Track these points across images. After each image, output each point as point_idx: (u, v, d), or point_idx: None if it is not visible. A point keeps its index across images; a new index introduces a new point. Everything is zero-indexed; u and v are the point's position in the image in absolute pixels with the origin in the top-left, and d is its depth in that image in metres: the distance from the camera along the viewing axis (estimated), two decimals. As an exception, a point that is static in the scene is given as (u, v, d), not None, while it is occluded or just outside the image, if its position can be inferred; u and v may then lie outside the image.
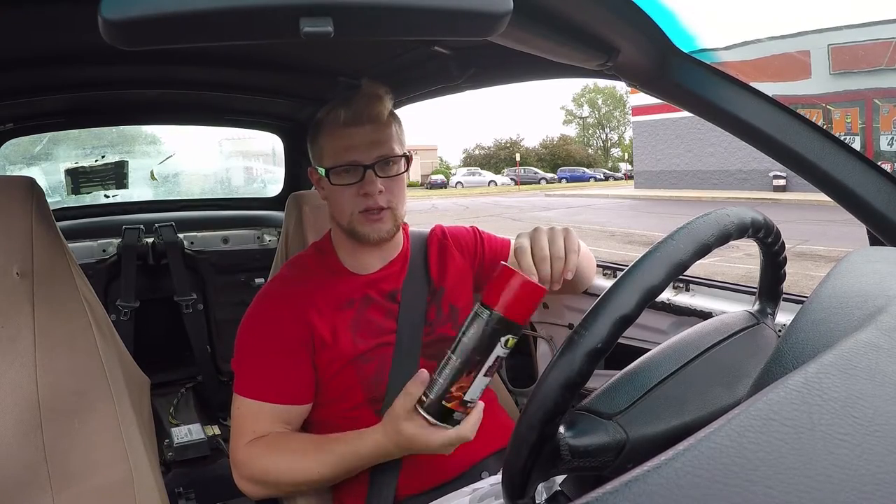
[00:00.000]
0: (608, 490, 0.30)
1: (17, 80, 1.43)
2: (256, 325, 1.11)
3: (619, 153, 56.35)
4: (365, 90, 1.12)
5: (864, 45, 14.00)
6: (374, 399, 1.09)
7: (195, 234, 2.19)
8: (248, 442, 1.04)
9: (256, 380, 1.07)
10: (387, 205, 1.10)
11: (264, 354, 1.08)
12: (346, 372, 1.09)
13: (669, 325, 1.34)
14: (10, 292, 0.96)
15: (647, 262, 0.59)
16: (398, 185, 1.11)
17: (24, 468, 0.93)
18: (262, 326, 1.10)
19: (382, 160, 1.09)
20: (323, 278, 1.14)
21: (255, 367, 1.08)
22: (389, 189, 1.10)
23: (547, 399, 0.57)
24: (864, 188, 0.90)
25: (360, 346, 1.10)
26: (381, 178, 1.08)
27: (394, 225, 1.12)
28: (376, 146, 1.08)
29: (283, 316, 1.09)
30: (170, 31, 0.52)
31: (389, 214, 1.11)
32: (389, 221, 1.11)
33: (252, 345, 1.09)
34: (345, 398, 1.10)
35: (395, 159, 1.10)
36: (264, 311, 1.11)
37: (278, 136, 2.32)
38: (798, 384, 0.37)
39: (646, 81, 0.98)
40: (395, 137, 1.12)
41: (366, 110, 1.08)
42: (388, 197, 1.10)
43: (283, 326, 1.08)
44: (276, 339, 1.08)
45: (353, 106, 1.09)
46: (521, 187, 35.28)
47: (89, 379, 1.01)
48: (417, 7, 0.55)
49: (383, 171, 1.09)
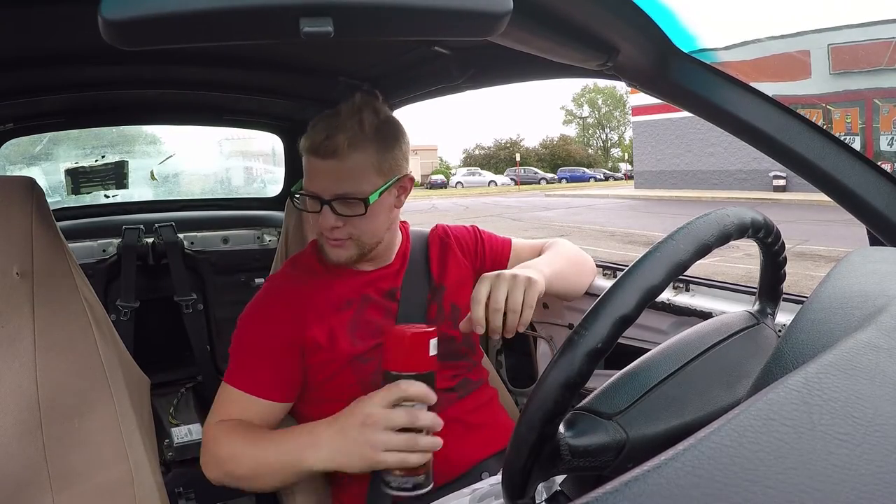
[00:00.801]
0: (608, 490, 0.30)
1: (17, 80, 1.43)
2: (254, 320, 1.11)
3: (619, 153, 56.35)
4: (326, 119, 1.05)
5: (864, 45, 14.00)
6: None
7: (195, 234, 2.19)
8: (215, 422, 1.05)
9: (246, 373, 1.07)
10: (348, 237, 1.07)
11: (257, 350, 1.08)
12: (345, 373, 1.09)
13: (669, 325, 1.34)
14: (10, 292, 0.96)
15: (647, 262, 0.59)
16: (361, 221, 1.06)
17: (23, 468, 0.93)
18: (259, 323, 1.11)
19: (340, 199, 1.04)
20: (322, 277, 1.14)
21: (246, 361, 1.09)
22: (351, 223, 1.06)
23: (547, 399, 0.57)
24: (864, 188, 0.90)
25: (358, 347, 1.10)
26: (340, 216, 1.05)
27: (358, 252, 1.09)
28: (335, 182, 1.03)
29: (280, 315, 1.09)
30: (170, 31, 0.52)
31: (352, 244, 1.08)
32: (352, 249, 1.09)
33: (247, 339, 1.10)
34: (344, 399, 1.09)
35: (355, 200, 1.03)
36: (263, 308, 1.12)
37: (278, 136, 2.32)
38: (798, 384, 0.37)
39: (646, 81, 0.98)
40: (362, 170, 1.03)
41: (323, 143, 1.02)
42: (349, 230, 1.06)
43: (279, 326, 1.09)
44: (271, 337, 1.08)
45: (313, 134, 1.03)
46: (521, 187, 35.28)
47: (89, 379, 1.01)
48: (417, 7, 0.55)
49: (342, 208, 1.04)
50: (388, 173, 1.07)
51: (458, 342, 1.19)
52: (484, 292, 0.98)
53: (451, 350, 1.17)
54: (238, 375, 1.08)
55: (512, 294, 0.99)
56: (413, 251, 1.22)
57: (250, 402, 1.06)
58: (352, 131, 1.03)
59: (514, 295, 0.99)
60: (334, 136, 1.02)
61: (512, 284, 0.99)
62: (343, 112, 1.05)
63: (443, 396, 1.12)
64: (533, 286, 1.01)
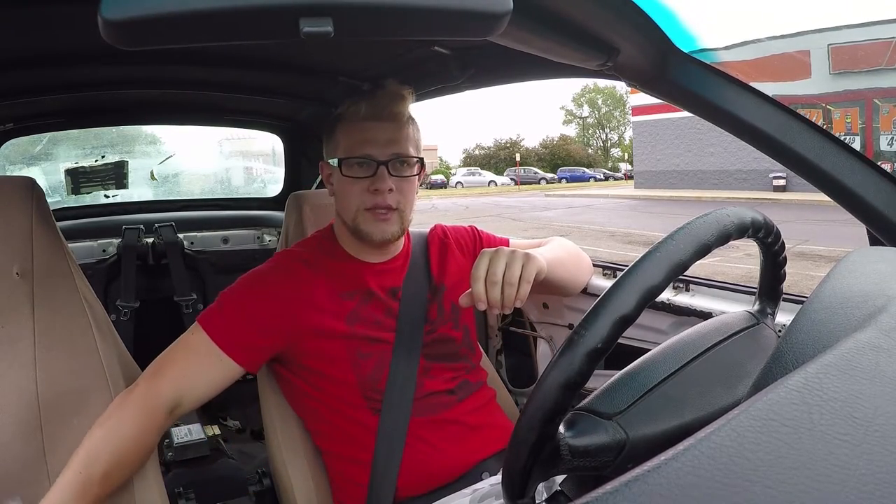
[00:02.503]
0: (608, 490, 0.30)
1: (17, 80, 1.43)
2: (254, 283, 1.11)
3: (619, 153, 56.35)
4: (389, 89, 1.12)
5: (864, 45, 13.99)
6: (372, 397, 1.09)
7: (195, 234, 2.19)
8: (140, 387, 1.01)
9: (224, 323, 1.06)
10: (396, 205, 1.09)
11: (246, 310, 1.07)
12: (340, 356, 1.09)
13: (669, 325, 1.34)
14: (10, 292, 0.96)
15: (647, 262, 0.59)
16: (409, 188, 1.11)
17: (23, 467, 0.93)
18: (259, 287, 1.10)
19: (397, 159, 1.09)
20: (331, 263, 1.14)
21: (231, 315, 1.07)
22: (400, 189, 1.09)
23: (547, 399, 0.57)
24: (864, 188, 0.90)
25: (356, 331, 1.09)
26: (394, 177, 1.08)
27: (400, 228, 1.12)
28: (393, 144, 1.09)
29: (281, 291, 1.09)
30: (170, 31, 0.52)
31: (397, 216, 1.10)
32: (396, 224, 1.11)
33: (240, 296, 1.09)
34: (343, 397, 1.10)
35: (409, 160, 1.10)
36: (267, 276, 1.12)
37: (278, 136, 2.32)
38: (798, 384, 0.37)
39: (646, 81, 0.98)
40: (412, 139, 1.12)
41: (388, 107, 1.09)
42: (398, 197, 1.09)
43: (277, 300, 1.08)
44: (266, 305, 1.07)
45: (375, 101, 1.10)
46: (521, 187, 35.28)
47: (89, 379, 1.01)
48: (417, 7, 0.55)
49: (396, 170, 1.09)
50: (419, 152, 1.13)
51: (457, 343, 1.19)
52: (483, 267, 0.98)
53: (451, 351, 1.17)
54: (215, 323, 1.06)
55: (510, 268, 0.98)
56: (413, 251, 1.22)
57: (212, 355, 1.04)
58: (407, 101, 1.13)
59: (512, 269, 0.98)
60: (398, 102, 1.11)
61: (510, 259, 0.99)
62: (395, 86, 1.13)
63: (442, 398, 1.12)
64: (531, 262, 1.01)
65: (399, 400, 1.09)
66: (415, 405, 1.09)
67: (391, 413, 1.08)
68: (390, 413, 1.08)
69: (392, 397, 1.09)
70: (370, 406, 1.09)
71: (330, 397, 1.10)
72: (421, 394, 1.10)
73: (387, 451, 1.07)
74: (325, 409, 1.11)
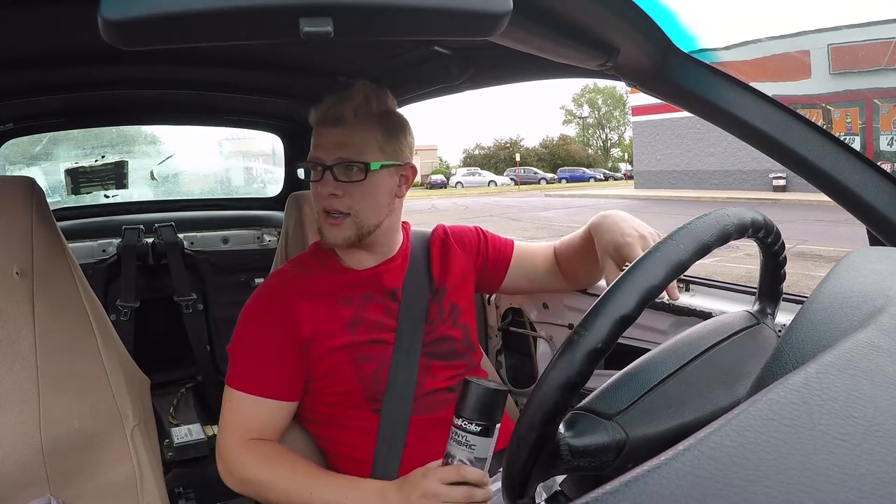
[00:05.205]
0: (608, 490, 0.30)
1: (17, 80, 1.43)
2: (250, 319, 1.11)
3: (619, 153, 56.31)
4: (349, 90, 1.10)
5: (864, 45, 13.99)
6: (373, 398, 1.09)
7: (195, 234, 2.19)
8: (245, 442, 1.04)
9: (249, 373, 1.07)
10: (347, 210, 1.07)
11: (257, 349, 1.08)
12: (345, 370, 1.09)
13: (669, 325, 1.34)
14: (10, 292, 0.96)
15: (647, 262, 0.59)
16: (360, 192, 1.07)
17: (22, 469, 0.93)
18: (256, 322, 1.10)
19: (342, 163, 1.06)
20: (322, 275, 1.14)
21: (248, 360, 1.08)
22: (349, 194, 1.06)
23: (547, 399, 0.57)
24: (864, 188, 0.90)
25: (358, 339, 1.09)
26: (342, 183, 1.06)
27: (355, 233, 1.09)
28: (339, 148, 1.06)
29: (276, 313, 1.09)
30: (170, 31, 0.52)
31: (350, 221, 1.08)
32: (350, 229, 1.08)
33: (246, 339, 1.09)
34: (344, 398, 1.10)
35: (357, 164, 1.06)
36: (258, 307, 1.11)
37: (278, 136, 2.32)
38: (798, 384, 0.37)
39: (646, 81, 0.98)
40: (365, 142, 1.07)
41: (330, 110, 1.08)
42: (349, 202, 1.07)
43: (275, 324, 1.08)
44: (269, 335, 1.08)
45: (324, 105, 1.09)
46: (520, 187, 35.28)
47: (89, 379, 1.01)
48: (417, 7, 0.55)
49: (343, 174, 1.06)
50: (392, 156, 1.10)
51: (457, 342, 1.19)
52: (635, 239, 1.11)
53: (451, 350, 1.17)
54: (241, 378, 1.07)
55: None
56: (414, 251, 1.22)
57: (257, 404, 1.05)
58: (358, 103, 1.07)
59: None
60: (341, 104, 1.07)
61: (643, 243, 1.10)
62: (353, 88, 1.11)
63: (441, 397, 1.12)
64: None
65: (399, 399, 1.09)
66: (415, 404, 1.09)
67: (391, 412, 1.08)
68: (391, 412, 1.08)
69: (392, 397, 1.09)
70: (371, 406, 1.09)
71: (331, 399, 1.10)
72: (421, 392, 1.10)
73: (387, 450, 1.07)
74: (325, 410, 1.11)
